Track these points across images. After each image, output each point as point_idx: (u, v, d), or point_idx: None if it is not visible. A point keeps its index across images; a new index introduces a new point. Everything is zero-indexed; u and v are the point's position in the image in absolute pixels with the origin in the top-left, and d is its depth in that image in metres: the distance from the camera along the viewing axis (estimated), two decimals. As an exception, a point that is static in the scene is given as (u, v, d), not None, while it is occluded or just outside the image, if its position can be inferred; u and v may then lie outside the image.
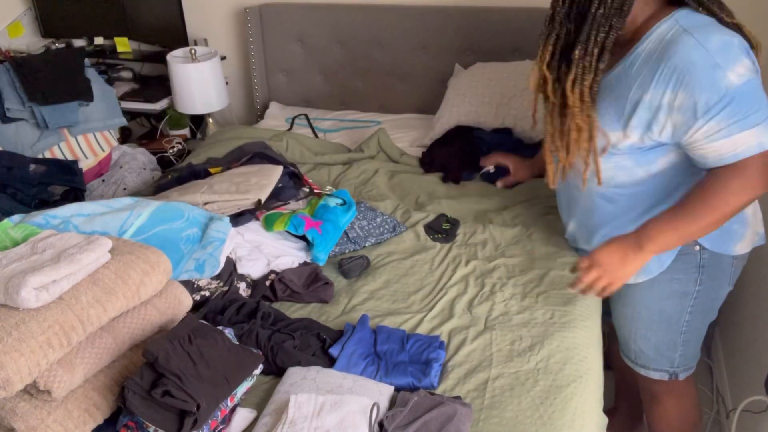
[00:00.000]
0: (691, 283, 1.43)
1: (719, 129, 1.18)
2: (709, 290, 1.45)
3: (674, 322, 1.48)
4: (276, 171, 1.88)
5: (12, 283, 1.05)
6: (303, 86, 2.92)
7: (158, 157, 2.64)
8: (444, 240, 1.80)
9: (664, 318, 1.48)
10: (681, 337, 1.49)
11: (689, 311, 1.46)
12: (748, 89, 1.17)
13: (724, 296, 1.50)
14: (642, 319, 1.51)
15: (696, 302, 1.45)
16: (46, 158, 2.28)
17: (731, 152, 1.19)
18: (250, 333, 1.37)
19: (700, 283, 1.43)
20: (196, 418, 1.08)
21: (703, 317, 1.49)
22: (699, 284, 1.43)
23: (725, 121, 1.17)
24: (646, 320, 1.50)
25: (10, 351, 0.99)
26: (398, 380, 1.28)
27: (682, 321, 1.47)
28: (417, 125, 2.64)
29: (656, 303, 1.47)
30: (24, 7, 3.01)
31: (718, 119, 1.18)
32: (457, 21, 2.55)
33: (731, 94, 1.16)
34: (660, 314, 1.48)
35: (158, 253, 1.26)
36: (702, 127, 1.19)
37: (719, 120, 1.18)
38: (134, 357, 1.23)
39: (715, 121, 1.18)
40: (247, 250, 1.68)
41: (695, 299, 1.44)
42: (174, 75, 2.65)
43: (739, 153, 1.19)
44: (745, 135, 1.17)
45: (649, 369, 1.56)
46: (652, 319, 1.49)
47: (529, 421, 1.21)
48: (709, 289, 1.44)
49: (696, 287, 1.43)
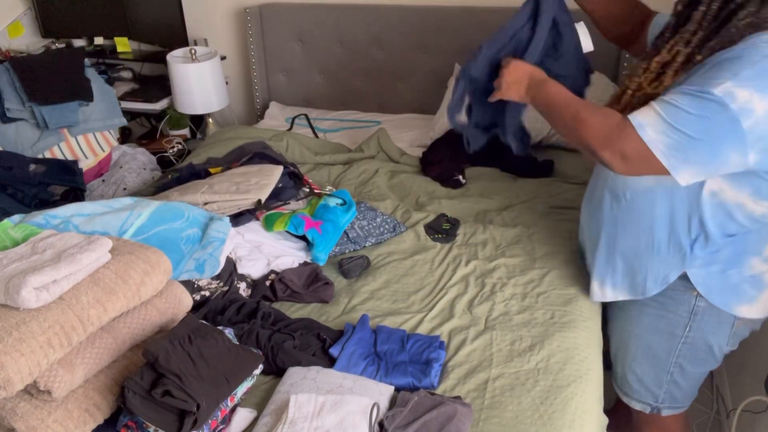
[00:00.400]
0: (680, 326, 1.36)
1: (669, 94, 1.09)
2: (701, 340, 1.36)
3: (661, 359, 1.42)
4: (276, 171, 1.88)
5: (12, 283, 1.05)
6: (303, 86, 2.92)
7: (158, 157, 2.64)
8: (444, 240, 1.80)
9: (651, 353, 1.42)
10: (667, 376, 1.43)
11: (678, 354, 1.39)
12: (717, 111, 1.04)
13: (721, 353, 1.39)
14: (629, 350, 1.47)
15: (685, 348, 1.38)
16: (46, 158, 2.28)
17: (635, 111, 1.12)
18: (250, 333, 1.37)
19: (691, 329, 1.35)
20: (196, 418, 1.08)
21: (697, 365, 1.41)
22: (689, 330, 1.35)
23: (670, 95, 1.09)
24: (633, 351, 1.46)
25: (10, 351, 0.99)
26: (398, 380, 1.28)
27: (669, 361, 1.41)
28: (417, 125, 2.64)
29: (644, 336, 1.42)
30: (24, 7, 3.01)
31: (677, 90, 1.08)
32: (457, 21, 2.55)
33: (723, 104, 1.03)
34: (647, 348, 1.43)
35: (158, 253, 1.26)
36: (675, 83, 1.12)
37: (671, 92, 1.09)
38: (134, 357, 1.23)
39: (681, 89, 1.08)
40: (247, 250, 1.68)
41: (684, 344, 1.38)
42: (174, 75, 2.65)
43: (634, 115, 1.11)
44: (652, 111, 1.09)
45: (630, 398, 1.52)
46: (638, 351, 1.45)
47: (529, 421, 1.21)
48: (700, 338, 1.36)
49: (685, 332, 1.36)
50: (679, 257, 1.29)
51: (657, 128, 1.08)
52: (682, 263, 1.29)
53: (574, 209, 1.68)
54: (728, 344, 1.37)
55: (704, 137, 1.06)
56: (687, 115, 1.06)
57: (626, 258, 1.38)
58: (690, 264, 1.29)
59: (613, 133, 1.13)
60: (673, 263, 1.31)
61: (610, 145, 1.13)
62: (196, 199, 1.74)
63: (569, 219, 1.81)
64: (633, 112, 1.12)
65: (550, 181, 2.09)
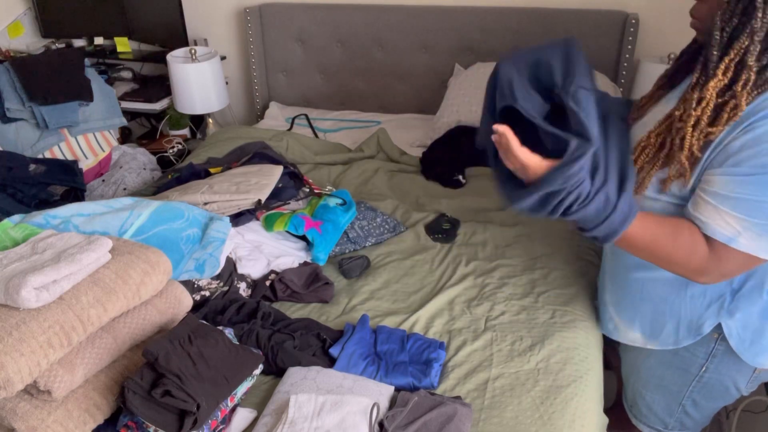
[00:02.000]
0: (695, 365, 1.29)
1: (720, 188, 1.01)
2: (717, 381, 1.29)
3: (674, 392, 1.36)
4: (276, 171, 1.88)
5: (12, 283, 1.05)
6: (303, 86, 2.92)
7: (158, 157, 2.64)
8: (444, 240, 1.80)
9: (663, 384, 1.37)
10: (679, 407, 1.38)
11: (691, 389, 1.33)
12: None
13: (739, 392, 1.32)
14: (641, 377, 1.41)
15: (699, 386, 1.31)
16: (46, 158, 2.28)
17: (707, 219, 1.03)
18: (250, 333, 1.37)
19: (707, 370, 1.28)
20: (196, 418, 1.08)
21: (712, 400, 1.34)
22: (705, 370, 1.28)
23: (736, 187, 0.99)
24: (645, 380, 1.40)
25: (10, 351, 0.99)
26: (398, 380, 1.28)
27: (682, 395, 1.35)
28: (417, 125, 2.64)
29: (657, 367, 1.36)
30: (24, 7, 3.01)
31: (732, 179, 0.99)
32: (457, 21, 2.56)
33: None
34: (660, 379, 1.37)
35: (158, 253, 1.26)
36: (715, 175, 1.02)
37: (732, 181, 0.99)
38: (134, 357, 1.23)
39: (728, 179, 1.00)
40: (248, 250, 1.68)
41: (698, 382, 1.31)
42: (174, 75, 2.65)
43: (709, 226, 1.02)
44: (735, 218, 1.00)
45: (639, 421, 1.47)
46: (650, 381, 1.39)
47: (529, 421, 1.21)
48: (716, 380, 1.29)
49: (700, 371, 1.29)
50: (717, 306, 1.20)
51: (749, 234, 1.00)
52: (718, 313, 1.21)
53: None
54: (747, 388, 1.30)
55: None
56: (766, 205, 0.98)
57: (656, 305, 1.28)
58: (726, 315, 1.20)
59: (708, 264, 1.05)
60: (710, 313, 1.21)
61: (708, 273, 1.07)
62: (196, 199, 1.74)
63: (569, 219, 1.81)
64: (701, 217, 1.02)
65: (550, 181, 2.09)
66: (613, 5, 2.42)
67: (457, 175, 2.11)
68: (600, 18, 2.39)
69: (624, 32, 2.38)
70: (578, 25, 2.41)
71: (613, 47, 2.43)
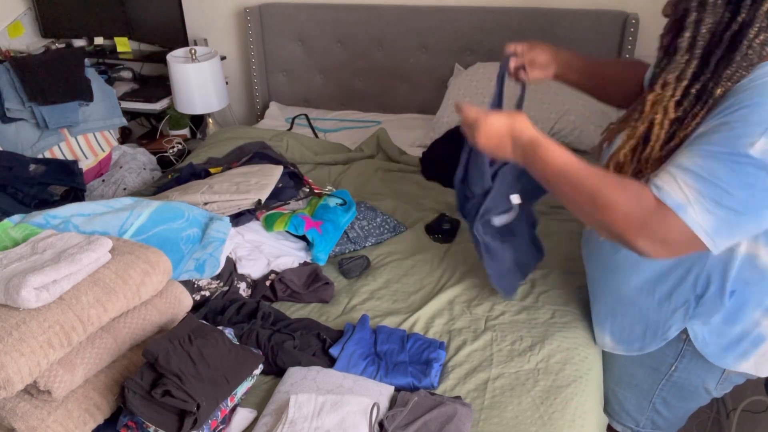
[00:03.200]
0: (665, 364, 1.30)
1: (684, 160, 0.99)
2: (686, 381, 1.30)
3: (644, 391, 1.37)
4: (276, 171, 1.88)
5: (12, 283, 1.05)
6: (303, 86, 2.92)
7: (158, 157, 2.64)
8: (444, 240, 1.80)
9: (634, 383, 1.38)
10: (650, 405, 1.39)
11: (661, 387, 1.34)
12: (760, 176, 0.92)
13: (709, 394, 1.32)
14: (613, 375, 1.43)
15: (669, 384, 1.33)
16: (46, 158, 2.28)
17: (663, 185, 0.99)
18: (250, 333, 1.37)
19: (676, 369, 1.29)
20: (196, 418, 1.08)
21: (683, 401, 1.35)
22: (674, 369, 1.30)
23: (700, 161, 0.97)
24: (617, 377, 1.42)
25: (10, 351, 0.99)
26: (398, 380, 1.28)
27: (652, 392, 1.36)
28: (417, 125, 2.64)
29: (629, 366, 1.37)
30: (24, 7, 3.01)
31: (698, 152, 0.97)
32: (457, 21, 2.56)
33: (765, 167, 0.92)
34: (630, 377, 1.38)
35: (158, 253, 1.26)
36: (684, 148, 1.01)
37: (698, 154, 0.97)
38: (134, 357, 1.23)
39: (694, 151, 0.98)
40: (248, 250, 1.68)
41: (668, 381, 1.32)
42: (174, 75, 2.65)
43: (662, 189, 0.99)
44: (690, 188, 0.96)
45: (612, 419, 1.48)
46: (622, 378, 1.41)
47: (529, 421, 1.21)
48: (686, 379, 1.30)
49: (670, 370, 1.30)
50: (682, 312, 1.21)
51: (699, 207, 0.96)
52: (683, 318, 1.22)
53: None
54: (717, 389, 1.29)
55: (750, 209, 0.95)
56: (729, 187, 0.94)
57: (626, 308, 1.30)
58: (692, 319, 1.21)
59: (650, 218, 0.98)
60: (676, 318, 1.22)
61: (647, 232, 0.99)
62: (196, 199, 1.74)
63: (569, 219, 1.81)
64: (657, 181, 1.00)
65: (550, 181, 2.09)
66: (613, 5, 2.42)
67: None
68: (600, 18, 2.39)
69: (624, 32, 2.38)
70: (578, 25, 2.42)
71: (613, 47, 2.43)
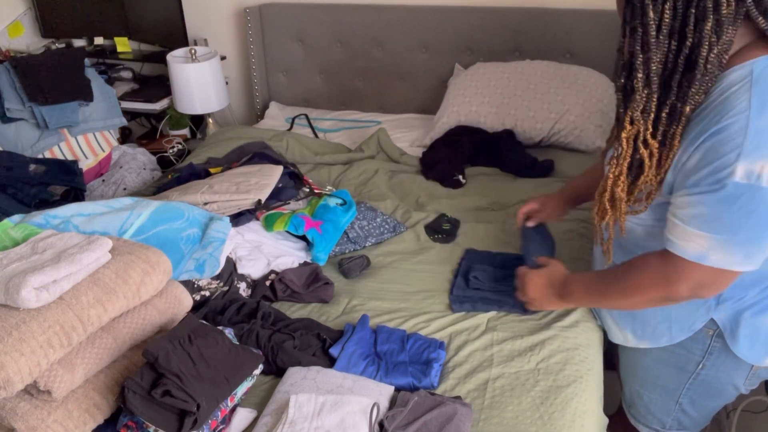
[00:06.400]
0: (692, 363, 1.29)
1: (685, 209, 1.03)
2: (714, 378, 1.29)
3: (670, 391, 1.36)
4: (276, 171, 1.88)
5: (12, 283, 1.05)
6: (303, 86, 2.92)
7: (158, 157, 2.64)
8: (444, 240, 1.80)
9: (660, 383, 1.37)
10: (676, 405, 1.37)
11: (688, 387, 1.33)
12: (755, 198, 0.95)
13: (737, 390, 1.32)
14: (638, 377, 1.42)
15: (696, 383, 1.31)
16: (46, 158, 2.28)
17: (676, 240, 1.05)
18: (250, 333, 1.37)
19: (704, 367, 1.28)
20: (196, 418, 1.08)
21: (710, 399, 1.34)
22: (701, 368, 1.28)
23: (698, 207, 1.01)
24: (641, 379, 1.41)
25: (10, 351, 0.99)
26: (398, 380, 1.28)
27: (679, 392, 1.35)
28: (417, 125, 2.64)
29: (653, 367, 1.36)
30: (24, 7, 3.01)
31: (693, 199, 1.01)
32: (457, 21, 2.55)
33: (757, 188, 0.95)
34: (656, 378, 1.37)
35: (158, 253, 1.26)
36: (679, 196, 1.05)
37: (694, 201, 1.01)
38: (134, 357, 1.23)
39: (689, 199, 1.02)
40: (248, 250, 1.68)
41: (695, 380, 1.31)
42: (174, 75, 2.65)
43: (677, 245, 1.05)
44: (702, 237, 1.01)
45: (638, 422, 1.47)
46: (647, 380, 1.39)
47: (529, 421, 1.21)
48: (713, 377, 1.29)
49: (697, 369, 1.29)
50: (705, 308, 1.21)
51: (719, 250, 1.01)
52: (708, 312, 1.21)
53: (574, 209, 1.67)
54: (745, 385, 1.29)
55: (764, 227, 0.99)
56: (735, 222, 0.98)
57: None
58: (716, 312, 1.21)
59: (673, 274, 1.07)
60: (700, 313, 1.22)
61: (679, 285, 1.08)
62: (196, 199, 1.74)
63: (569, 219, 1.81)
64: (669, 236, 1.06)
65: (550, 181, 2.09)
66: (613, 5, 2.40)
67: (457, 175, 2.11)
68: (600, 18, 2.39)
69: (624, 32, 2.37)
70: (578, 25, 2.41)
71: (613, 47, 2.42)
